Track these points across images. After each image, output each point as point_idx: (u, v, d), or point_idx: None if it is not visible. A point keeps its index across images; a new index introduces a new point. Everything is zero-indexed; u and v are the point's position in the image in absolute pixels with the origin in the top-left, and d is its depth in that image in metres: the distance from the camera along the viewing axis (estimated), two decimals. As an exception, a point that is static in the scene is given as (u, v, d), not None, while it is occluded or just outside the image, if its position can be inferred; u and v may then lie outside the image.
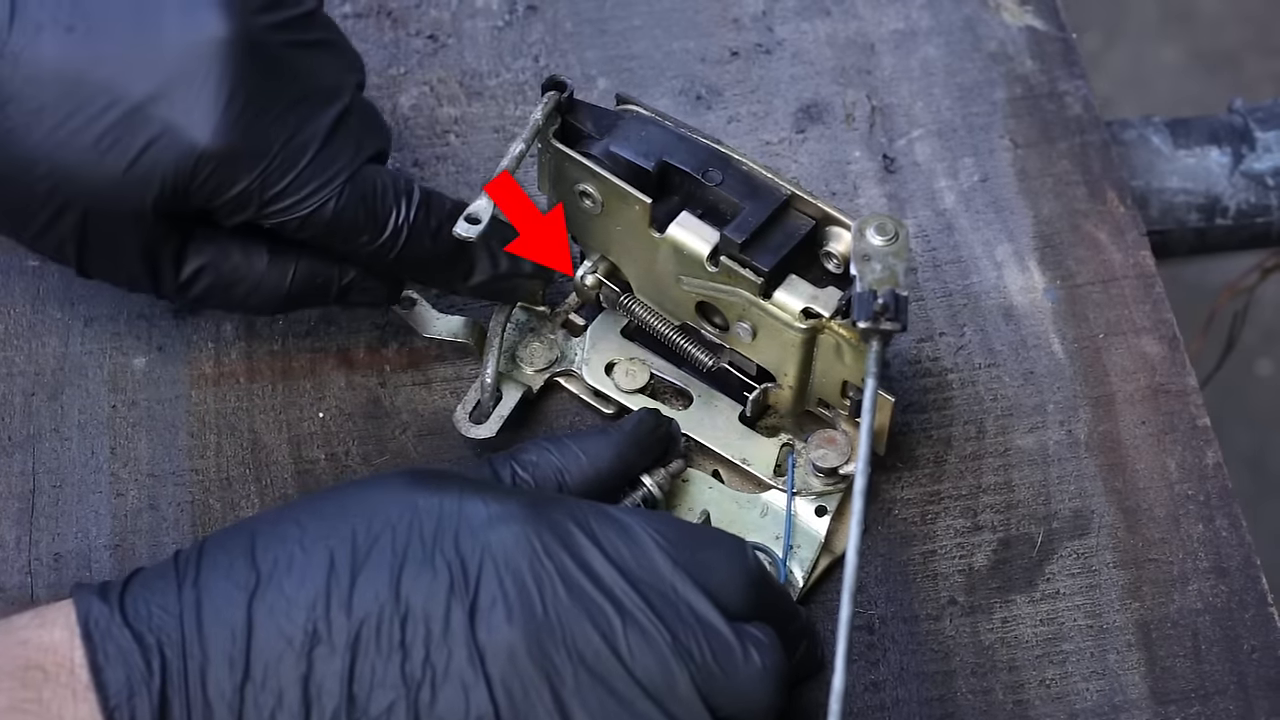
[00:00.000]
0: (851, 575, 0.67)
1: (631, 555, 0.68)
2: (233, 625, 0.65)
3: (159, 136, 0.73)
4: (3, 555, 0.79)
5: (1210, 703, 0.77)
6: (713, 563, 0.69)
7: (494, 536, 0.67)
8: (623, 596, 0.67)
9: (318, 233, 0.77)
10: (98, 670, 0.65)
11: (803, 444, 0.81)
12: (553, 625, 0.66)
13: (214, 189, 0.74)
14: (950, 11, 0.98)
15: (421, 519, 0.68)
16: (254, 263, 0.79)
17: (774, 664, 0.69)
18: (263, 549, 0.67)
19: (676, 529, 0.70)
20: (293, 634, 0.65)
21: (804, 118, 0.94)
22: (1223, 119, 0.99)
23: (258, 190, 0.75)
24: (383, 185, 0.77)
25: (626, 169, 0.78)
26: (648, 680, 0.67)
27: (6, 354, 0.85)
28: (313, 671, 0.65)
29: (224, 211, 0.76)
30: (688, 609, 0.68)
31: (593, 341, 0.84)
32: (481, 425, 0.81)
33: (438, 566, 0.67)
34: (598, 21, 0.97)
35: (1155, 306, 0.87)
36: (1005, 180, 0.92)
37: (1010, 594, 0.79)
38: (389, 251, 0.78)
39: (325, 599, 0.66)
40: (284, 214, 0.76)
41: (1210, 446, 0.83)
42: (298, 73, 0.76)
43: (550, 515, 0.68)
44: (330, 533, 0.67)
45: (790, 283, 0.77)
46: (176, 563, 0.68)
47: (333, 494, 0.69)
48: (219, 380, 0.85)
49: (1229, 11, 2.11)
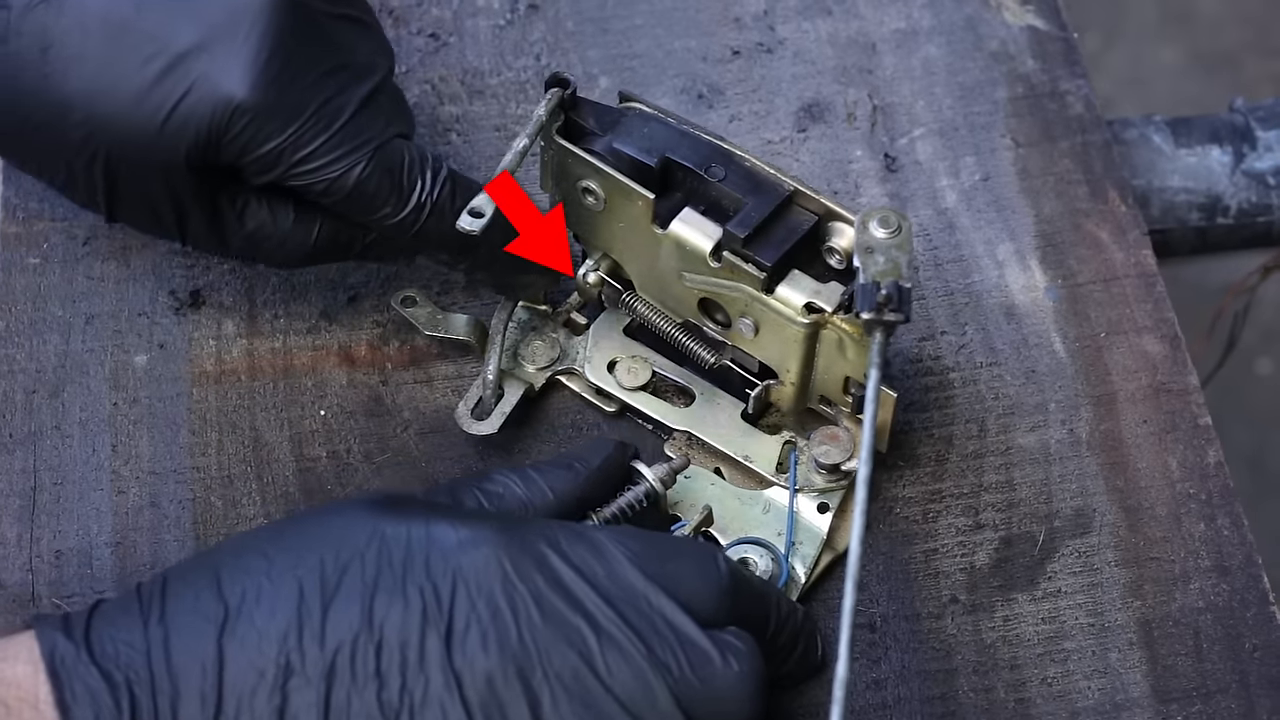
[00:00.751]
0: (854, 565, 0.67)
1: (603, 571, 0.68)
2: (203, 660, 0.65)
3: (196, 87, 0.73)
4: (4, 553, 0.79)
5: (1212, 701, 0.77)
6: (683, 573, 0.69)
7: (465, 560, 0.67)
8: (597, 613, 0.67)
9: (341, 199, 0.77)
10: (65, 709, 0.64)
11: (805, 441, 0.81)
12: (529, 648, 0.66)
13: (246, 144, 0.75)
14: (952, 11, 0.98)
15: (390, 546, 0.67)
16: (279, 220, 0.79)
17: (751, 669, 0.69)
18: (229, 581, 0.66)
19: (645, 542, 0.70)
20: (265, 667, 0.65)
21: (805, 117, 0.94)
22: (1224, 118, 0.99)
23: (288, 149, 0.75)
24: (409, 159, 0.78)
25: (629, 165, 0.78)
26: (626, 696, 0.66)
27: (8, 351, 0.85)
28: (288, 704, 0.65)
29: (253, 168, 0.76)
30: (662, 621, 0.68)
31: (595, 340, 0.84)
32: (483, 422, 0.81)
33: (409, 594, 0.66)
34: (599, 20, 0.97)
35: (1157, 305, 0.88)
36: (1007, 179, 0.92)
37: (1012, 592, 0.79)
38: (410, 226, 0.78)
39: (297, 630, 0.65)
40: (310, 176, 0.76)
41: (1212, 445, 0.83)
42: (337, 44, 0.77)
43: (520, 536, 0.68)
44: (298, 563, 0.66)
45: (793, 278, 0.77)
46: (140, 596, 0.67)
47: (296, 523, 0.69)
48: (220, 378, 0.85)
49: (1228, 12, 2.11)
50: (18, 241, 0.88)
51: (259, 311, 0.87)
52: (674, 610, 0.68)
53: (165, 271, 0.87)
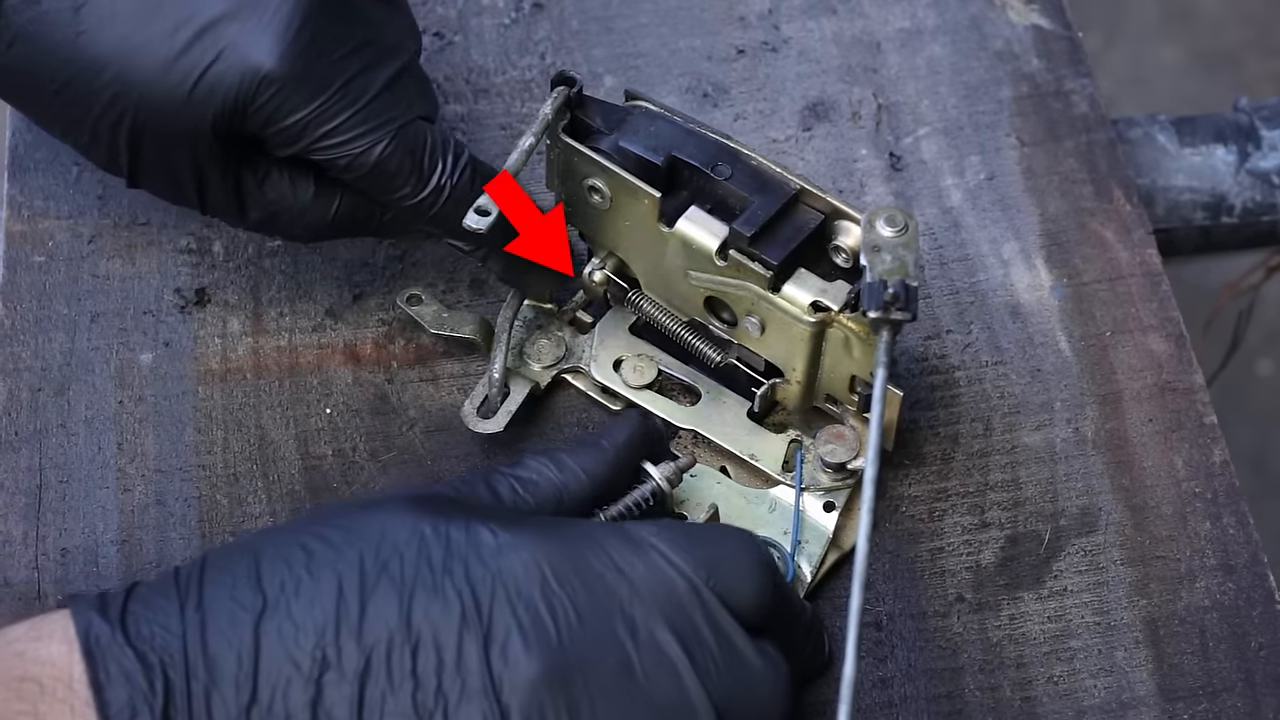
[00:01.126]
0: (861, 564, 0.67)
1: (645, 571, 0.67)
2: (239, 649, 0.65)
3: (225, 54, 0.74)
4: (10, 550, 0.79)
5: (1218, 700, 0.77)
6: (726, 568, 0.69)
7: (504, 564, 0.66)
8: (636, 618, 0.67)
9: (362, 175, 0.77)
10: (99, 688, 0.64)
11: (811, 440, 0.81)
12: (569, 653, 0.65)
13: (271, 114, 0.75)
14: (956, 10, 0.98)
15: (429, 546, 0.67)
16: (300, 193, 0.79)
17: (786, 672, 0.69)
18: (268, 572, 0.66)
19: (687, 534, 0.69)
20: (301, 659, 0.64)
21: (810, 116, 0.94)
22: (1228, 117, 0.99)
23: (313, 122, 0.75)
24: (432, 141, 0.78)
25: (635, 164, 0.78)
26: (666, 702, 0.66)
27: (13, 349, 0.85)
28: (322, 698, 0.64)
29: (277, 140, 0.76)
30: (703, 622, 0.67)
31: (600, 338, 0.84)
32: (489, 420, 0.81)
33: (448, 595, 0.66)
34: (604, 19, 0.97)
35: (1162, 304, 0.88)
36: (1012, 178, 0.92)
37: (1018, 591, 0.79)
38: (428, 208, 0.78)
39: (335, 625, 0.65)
40: (333, 150, 0.76)
41: (1217, 444, 0.83)
42: (367, 20, 0.77)
43: (560, 539, 0.68)
44: (337, 558, 0.66)
45: (799, 276, 0.77)
46: (177, 581, 0.67)
47: (336, 516, 0.68)
48: (226, 376, 0.84)
49: (1229, 11, 2.11)
50: (23, 240, 0.88)
51: (264, 310, 0.87)
52: (716, 610, 0.68)
53: (170, 270, 0.87)
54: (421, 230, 0.82)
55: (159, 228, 0.89)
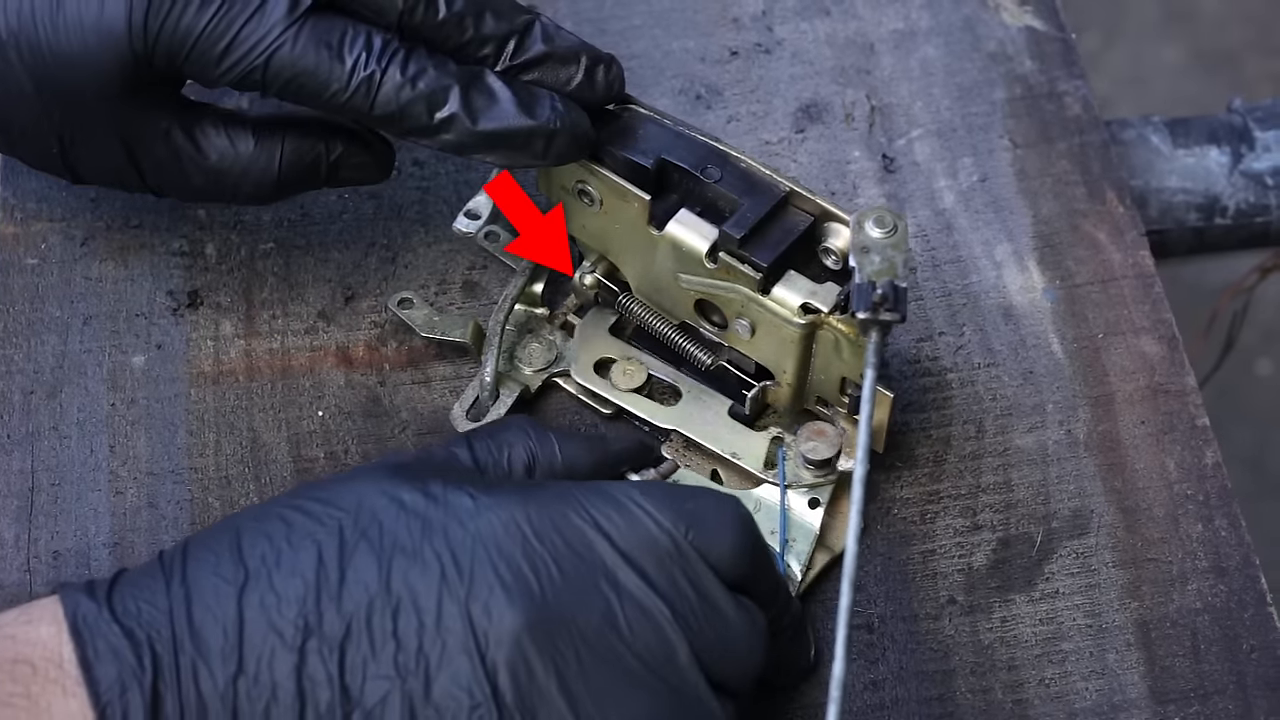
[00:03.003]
0: (851, 565, 0.67)
1: (625, 526, 0.68)
2: (223, 620, 0.65)
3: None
4: (2, 553, 0.79)
5: (1209, 702, 0.77)
6: (704, 521, 0.69)
7: (483, 525, 0.67)
8: (618, 571, 0.67)
9: (286, 85, 0.75)
10: (88, 666, 0.64)
11: (792, 437, 0.81)
12: (551, 606, 0.66)
13: (171, 45, 0.75)
14: (949, 11, 0.98)
15: (407, 511, 0.67)
16: (239, 146, 0.79)
17: (763, 626, 0.70)
18: (249, 545, 0.67)
19: (666, 491, 0.70)
20: (283, 628, 0.65)
21: (803, 117, 0.94)
22: (1222, 119, 0.99)
23: (213, 35, 0.74)
24: (343, 29, 0.76)
25: (625, 166, 0.78)
26: (648, 653, 0.67)
27: (5, 352, 0.85)
28: (305, 664, 0.65)
29: (191, 71, 0.76)
30: (682, 575, 0.68)
31: (582, 340, 0.84)
32: (479, 424, 0.81)
33: (427, 558, 0.66)
34: (597, 21, 0.97)
35: (1154, 306, 0.87)
36: (1004, 180, 0.92)
37: (1009, 593, 0.79)
38: (365, 104, 0.76)
39: (315, 593, 0.66)
40: (246, 62, 0.75)
41: (1209, 446, 0.83)
42: None
43: (539, 498, 0.68)
44: (316, 527, 0.67)
45: (789, 278, 0.77)
46: (162, 562, 0.68)
47: (315, 489, 0.69)
48: (218, 378, 0.85)
49: (1229, 11, 2.11)
50: (15, 242, 0.88)
51: (257, 312, 0.87)
52: (695, 563, 0.68)
53: (163, 272, 0.88)
54: (377, 169, 0.81)
55: (151, 230, 0.89)
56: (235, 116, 0.79)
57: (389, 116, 0.76)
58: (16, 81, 0.76)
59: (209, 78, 0.76)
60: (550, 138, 0.76)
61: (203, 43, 0.75)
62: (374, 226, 0.89)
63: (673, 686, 0.67)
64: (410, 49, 0.76)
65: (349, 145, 0.81)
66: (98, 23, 0.75)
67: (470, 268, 0.88)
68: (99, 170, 0.80)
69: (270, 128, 0.79)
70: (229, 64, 0.75)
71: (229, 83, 0.76)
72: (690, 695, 0.67)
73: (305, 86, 0.76)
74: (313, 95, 0.76)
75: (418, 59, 0.76)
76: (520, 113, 0.76)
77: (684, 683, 0.67)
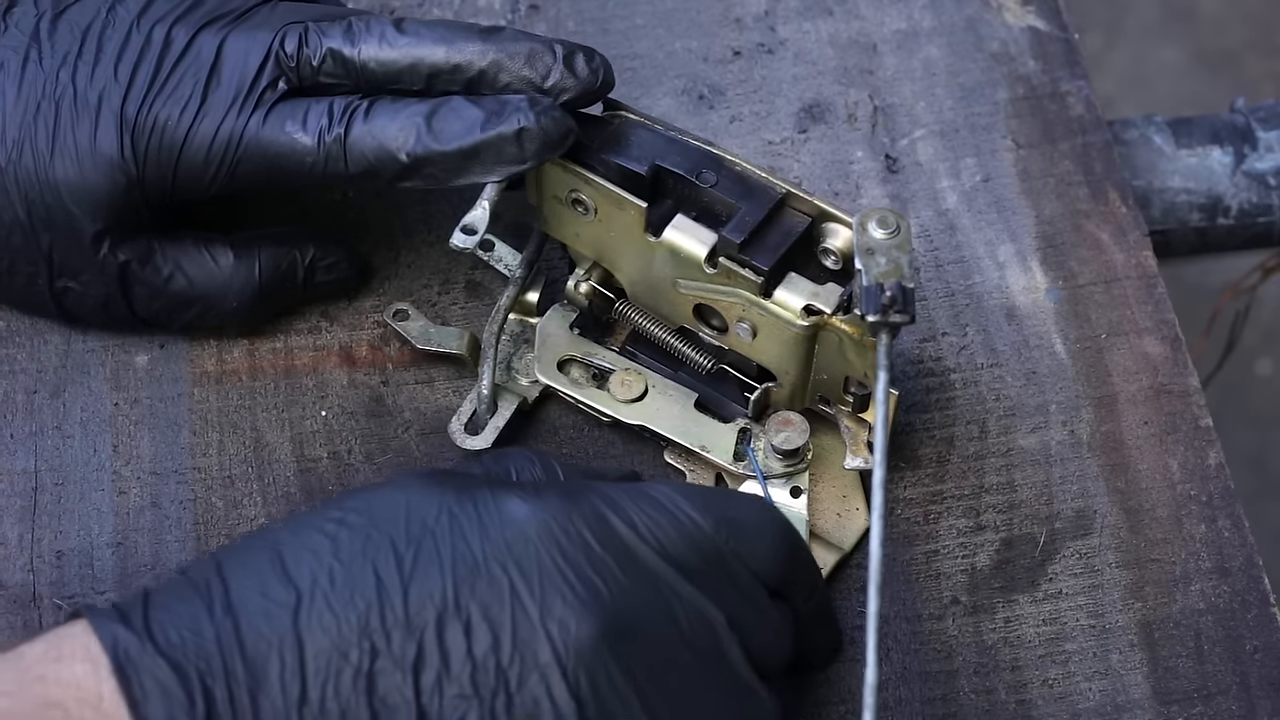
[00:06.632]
0: (876, 570, 0.67)
1: (673, 531, 0.67)
2: (279, 646, 0.62)
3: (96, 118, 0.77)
4: (5, 553, 0.79)
5: (1213, 703, 0.77)
6: (745, 522, 0.69)
7: (540, 532, 0.65)
8: (670, 575, 0.67)
9: (268, 172, 0.78)
10: (135, 705, 0.61)
11: (759, 427, 0.81)
12: (622, 611, 0.65)
13: (159, 156, 0.77)
14: (952, 12, 0.98)
15: (461, 522, 0.65)
16: (220, 261, 0.82)
17: (791, 615, 0.71)
18: (294, 563, 0.64)
19: (705, 496, 0.69)
20: (348, 650, 0.63)
21: (806, 118, 0.94)
22: (1225, 119, 0.99)
23: (199, 139, 0.77)
24: (306, 106, 0.78)
25: (619, 174, 0.78)
26: (706, 652, 0.67)
27: (9, 351, 0.85)
28: (376, 688, 0.63)
29: (183, 181, 0.78)
30: (730, 577, 0.68)
31: (542, 338, 0.84)
32: (477, 436, 0.81)
33: (493, 571, 0.64)
34: (600, 20, 0.97)
35: (1157, 307, 0.88)
36: (1007, 180, 0.92)
37: (1013, 594, 0.79)
38: (340, 165, 0.77)
39: (379, 612, 0.63)
40: (228, 159, 0.78)
41: (1212, 447, 0.83)
42: None
43: (586, 502, 0.67)
44: (366, 542, 0.65)
45: (790, 281, 0.77)
46: (194, 582, 0.64)
47: (354, 499, 0.67)
48: (221, 378, 0.85)
49: (1230, 11, 2.11)
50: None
51: (260, 312, 0.87)
52: (737, 564, 0.68)
53: (166, 272, 0.87)
54: (344, 264, 0.85)
55: (155, 230, 0.89)
56: (213, 236, 0.82)
57: (369, 171, 0.77)
58: (11, 209, 0.78)
59: (200, 185, 0.78)
60: (520, 135, 0.76)
61: (187, 150, 0.77)
62: (377, 225, 0.89)
63: (730, 681, 0.67)
64: (373, 101, 0.77)
65: (320, 247, 0.84)
66: (91, 150, 0.77)
67: (473, 268, 0.88)
68: (87, 301, 0.82)
69: (246, 242, 0.82)
70: (214, 166, 0.77)
71: (218, 184, 0.78)
72: (745, 688, 0.68)
73: (282, 167, 0.77)
74: (294, 173, 0.78)
75: (380, 108, 0.77)
76: (488, 122, 0.76)
77: (737, 677, 0.67)
